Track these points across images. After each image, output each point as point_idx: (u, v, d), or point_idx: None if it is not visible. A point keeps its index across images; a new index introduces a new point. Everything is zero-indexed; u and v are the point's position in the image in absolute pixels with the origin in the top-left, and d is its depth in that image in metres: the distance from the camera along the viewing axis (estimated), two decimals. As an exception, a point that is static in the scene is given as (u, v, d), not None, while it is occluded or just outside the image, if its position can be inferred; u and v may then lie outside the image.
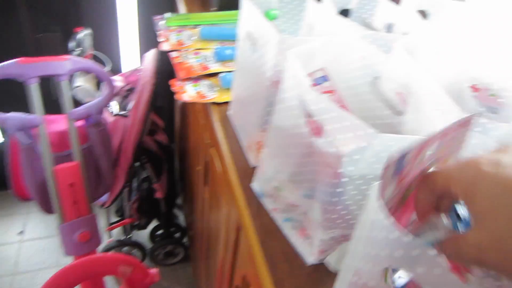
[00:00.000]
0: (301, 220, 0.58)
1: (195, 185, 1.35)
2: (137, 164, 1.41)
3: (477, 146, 0.44)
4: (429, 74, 0.60)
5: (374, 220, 0.29)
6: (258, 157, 0.68)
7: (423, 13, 0.81)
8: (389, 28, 0.77)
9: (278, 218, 0.61)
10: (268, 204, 0.63)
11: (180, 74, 0.89)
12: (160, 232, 1.74)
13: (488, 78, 0.54)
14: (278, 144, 0.56)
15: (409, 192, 0.37)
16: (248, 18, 0.62)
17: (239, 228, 0.74)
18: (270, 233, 0.61)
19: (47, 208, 1.15)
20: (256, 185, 0.66)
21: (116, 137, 1.27)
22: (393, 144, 0.39)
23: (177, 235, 1.75)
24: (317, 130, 0.46)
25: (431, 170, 0.35)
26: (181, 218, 1.84)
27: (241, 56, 0.68)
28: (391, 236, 0.28)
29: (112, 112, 1.30)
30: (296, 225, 0.59)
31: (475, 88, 0.60)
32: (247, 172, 0.70)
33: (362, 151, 0.40)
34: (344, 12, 0.80)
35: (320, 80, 0.53)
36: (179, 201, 1.86)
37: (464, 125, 0.37)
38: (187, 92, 0.85)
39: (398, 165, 0.31)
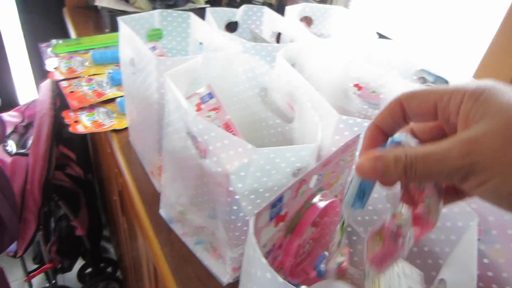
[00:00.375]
0: (211, 241, 0.57)
1: (116, 215, 1.28)
2: (50, 203, 1.30)
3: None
4: (313, 80, 0.63)
5: (251, 258, 0.29)
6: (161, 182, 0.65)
7: (309, 19, 0.85)
8: (277, 37, 0.79)
9: (189, 242, 0.59)
10: (178, 229, 0.61)
11: (72, 104, 0.84)
12: (89, 270, 1.63)
13: (366, 78, 0.57)
14: (173, 168, 0.54)
15: (296, 221, 0.37)
16: (126, 42, 0.60)
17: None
18: (183, 258, 0.59)
19: None
20: (163, 211, 0.63)
21: (17, 178, 1.16)
22: (274, 157, 0.40)
23: (109, 269, 1.65)
24: (203, 151, 0.45)
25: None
26: (112, 251, 1.73)
27: (127, 80, 0.65)
28: (267, 275, 0.27)
29: (10, 152, 1.18)
30: (207, 246, 0.58)
31: (358, 87, 0.63)
32: (155, 199, 0.67)
33: (247, 167, 0.40)
34: (234, 24, 0.81)
35: (206, 97, 0.52)
36: (107, 232, 1.75)
37: (351, 145, 0.39)
38: (82, 122, 0.80)
39: (274, 208, 0.31)
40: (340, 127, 0.45)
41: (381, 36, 0.90)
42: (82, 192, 1.42)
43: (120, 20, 0.62)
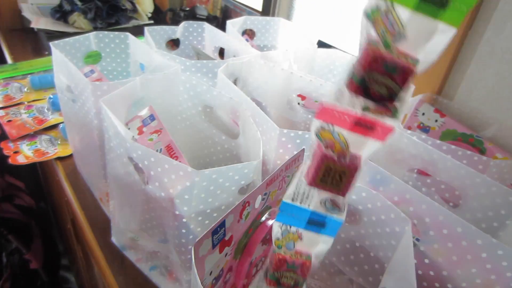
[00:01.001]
0: (166, 264, 0.56)
1: (72, 244, 1.23)
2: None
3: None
4: (257, 94, 0.63)
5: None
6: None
7: (251, 32, 0.85)
8: (220, 51, 0.80)
9: (144, 268, 0.58)
10: (131, 255, 0.59)
11: (11, 134, 0.80)
12: (48, 303, 1.54)
13: (307, 88, 0.58)
14: (120, 194, 0.53)
15: (244, 242, 0.37)
16: (60, 67, 0.58)
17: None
18: (139, 286, 0.57)
19: None
20: (115, 239, 0.61)
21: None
22: (216, 177, 0.39)
23: (70, 300, 1.58)
24: (146, 177, 0.44)
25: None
26: (73, 280, 1.66)
27: (65, 107, 0.63)
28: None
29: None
30: (163, 271, 0.57)
31: (302, 97, 0.64)
32: (107, 226, 0.65)
33: (190, 190, 0.40)
34: (176, 41, 0.80)
35: (147, 120, 0.52)
36: (66, 261, 1.67)
37: (295, 161, 0.39)
38: (23, 153, 0.76)
39: (216, 234, 0.30)
40: (283, 141, 0.46)
41: (323, 44, 0.92)
42: (34, 223, 1.35)
43: (52, 45, 0.59)
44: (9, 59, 1.19)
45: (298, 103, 0.63)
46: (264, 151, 0.48)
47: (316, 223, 0.29)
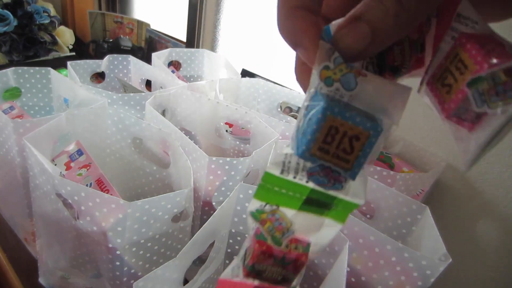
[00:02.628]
0: (100, 300, 0.54)
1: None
2: None
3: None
4: (186, 124, 0.65)
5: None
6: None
7: (177, 64, 0.88)
8: (147, 83, 0.81)
9: (77, 307, 0.56)
10: (62, 296, 0.57)
11: None
12: None
13: (233, 116, 0.62)
14: (47, 232, 0.51)
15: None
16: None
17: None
18: (72, 327, 0.55)
19: None
20: (43, 280, 0.58)
21: None
22: (149, 207, 0.41)
23: None
24: (76, 212, 0.44)
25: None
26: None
27: (-17, 146, 0.60)
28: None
29: None
30: (97, 307, 0.55)
31: (229, 124, 0.68)
32: (33, 267, 0.61)
33: (123, 222, 0.40)
34: (101, 74, 0.80)
35: (75, 155, 0.51)
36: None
37: None
38: None
39: None
40: (212, 168, 0.48)
41: (247, 72, 0.98)
42: None
43: (-33, 83, 0.57)
44: None
45: (226, 131, 0.67)
46: (195, 178, 0.50)
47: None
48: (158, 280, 0.35)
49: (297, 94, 0.73)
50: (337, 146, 0.20)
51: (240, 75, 0.78)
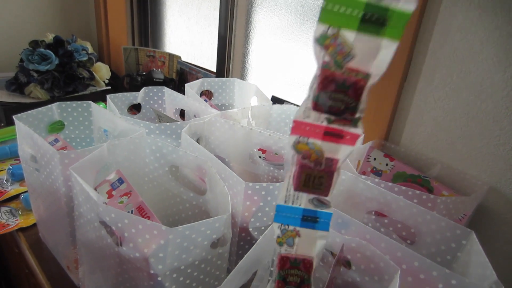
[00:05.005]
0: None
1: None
2: None
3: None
4: (220, 151, 0.67)
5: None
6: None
7: (209, 93, 0.91)
8: (180, 113, 0.84)
9: (117, 335, 0.56)
10: (102, 324, 0.58)
11: (-32, 209, 0.77)
12: None
13: (266, 142, 0.63)
14: (90, 259, 0.52)
15: None
16: (24, 138, 0.59)
17: None
18: None
19: None
20: (85, 308, 0.59)
21: None
22: (189, 233, 0.41)
23: None
24: (119, 239, 0.45)
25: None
26: None
27: (30, 177, 0.63)
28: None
29: None
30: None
31: (263, 150, 0.68)
32: (74, 295, 0.63)
33: (164, 248, 0.41)
34: (137, 105, 0.84)
35: (116, 184, 0.53)
36: None
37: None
38: (-19, 228, 0.74)
39: None
40: (249, 193, 0.49)
41: (276, 99, 0.99)
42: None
43: (16, 118, 0.61)
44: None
45: (260, 157, 0.68)
46: (232, 204, 0.50)
47: (309, 218, 0.33)
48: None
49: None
50: None
51: (271, 102, 0.79)
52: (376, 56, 0.26)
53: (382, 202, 0.51)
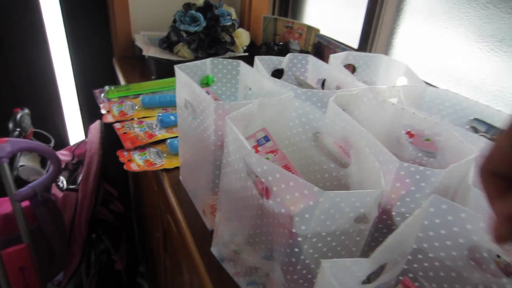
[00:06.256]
0: (264, 282, 0.57)
1: (156, 252, 1.29)
2: (93, 236, 1.34)
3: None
4: (363, 127, 0.64)
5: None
6: (213, 221, 0.67)
7: (352, 67, 0.87)
8: (322, 83, 0.82)
9: (241, 282, 0.60)
10: (230, 268, 0.62)
11: (126, 144, 0.88)
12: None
13: (419, 125, 0.58)
14: (230, 207, 0.56)
15: None
16: (183, 87, 0.64)
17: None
18: (235, 299, 0.59)
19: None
20: (215, 250, 0.64)
21: (67, 212, 1.21)
22: (339, 200, 0.40)
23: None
24: (266, 192, 0.46)
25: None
26: (147, 287, 1.73)
27: (183, 123, 0.68)
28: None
29: (61, 187, 1.24)
30: (259, 288, 0.58)
31: (410, 134, 0.64)
32: (205, 237, 0.68)
33: (311, 210, 0.41)
34: (278, 72, 0.85)
35: (262, 140, 0.55)
36: (142, 269, 1.76)
37: None
38: (135, 161, 0.84)
39: None
40: (401, 174, 0.46)
41: (426, 84, 0.91)
42: (122, 228, 1.45)
43: (177, 68, 0.66)
44: (122, 81, 1.34)
45: (406, 140, 0.63)
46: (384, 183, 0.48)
47: None
48: (344, 270, 0.34)
49: (495, 112, 0.63)
50: None
51: (425, 84, 0.73)
52: None
53: None
